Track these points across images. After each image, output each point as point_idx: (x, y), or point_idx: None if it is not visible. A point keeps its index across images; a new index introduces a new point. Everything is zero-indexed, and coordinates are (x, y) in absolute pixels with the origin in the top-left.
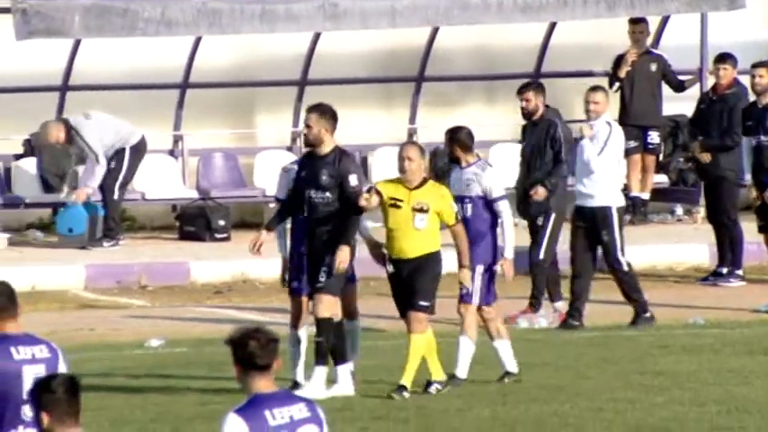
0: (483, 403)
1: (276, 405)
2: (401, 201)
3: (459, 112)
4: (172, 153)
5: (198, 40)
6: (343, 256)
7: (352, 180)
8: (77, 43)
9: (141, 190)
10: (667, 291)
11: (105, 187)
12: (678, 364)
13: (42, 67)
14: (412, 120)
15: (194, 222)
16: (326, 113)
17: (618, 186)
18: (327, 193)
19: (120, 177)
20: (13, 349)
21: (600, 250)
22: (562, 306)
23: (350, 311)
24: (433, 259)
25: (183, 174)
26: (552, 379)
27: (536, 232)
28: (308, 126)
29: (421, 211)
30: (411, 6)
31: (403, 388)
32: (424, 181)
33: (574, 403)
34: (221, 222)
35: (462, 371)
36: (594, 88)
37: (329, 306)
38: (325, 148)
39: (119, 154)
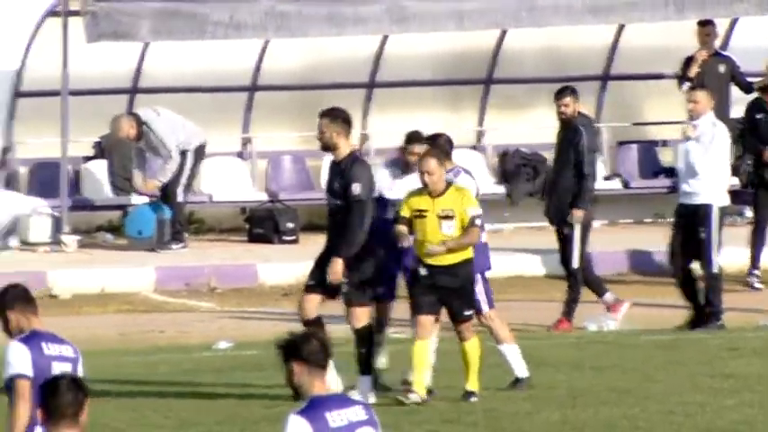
0: (552, 406)
1: (335, 407)
2: (426, 211)
3: (528, 114)
4: (240, 155)
5: (266, 43)
6: (335, 267)
7: (355, 189)
8: (146, 46)
9: (208, 192)
10: (737, 293)
11: (169, 190)
12: (748, 366)
13: (112, 69)
14: (480, 122)
15: (263, 224)
16: (338, 118)
17: (723, 186)
18: (339, 200)
19: (184, 180)
20: (43, 344)
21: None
22: (610, 297)
23: (379, 323)
24: (467, 266)
25: (252, 176)
26: (620, 382)
27: (563, 242)
28: (320, 131)
29: (446, 218)
30: (479, 9)
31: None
32: (447, 186)
33: (643, 406)
34: (289, 225)
35: (521, 371)
36: (695, 87)
37: (362, 316)
38: (341, 154)
39: (182, 155)
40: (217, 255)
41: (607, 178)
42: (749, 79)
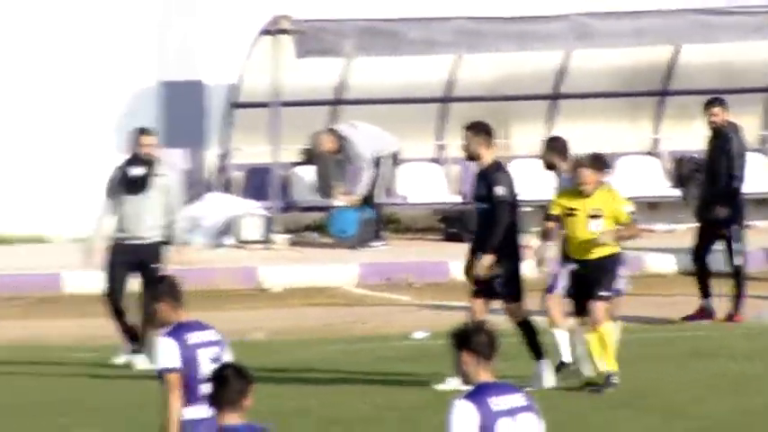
0: (723, 394)
1: (497, 394)
2: (577, 210)
3: (700, 123)
4: (436, 161)
5: (459, 57)
6: (484, 261)
7: (497, 191)
8: (349, 61)
9: (404, 194)
10: None
11: (371, 193)
12: None
13: (318, 83)
14: (655, 130)
15: (455, 225)
16: (480, 131)
17: None
18: (485, 204)
19: (383, 183)
20: (187, 335)
21: None
22: (708, 304)
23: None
24: (614, 259)
25: (447, 180)
26: None
27: (723, 240)
28: (465, 143)
29: (595, 217)
30: (657, 26)
31: (609, 376)
32: (597, 187)
33: None
34: None
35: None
36: None
37: (517, 312)
38: (485, 163)
39: (380, 161)
40: (413, 252)
41: None
42: None
